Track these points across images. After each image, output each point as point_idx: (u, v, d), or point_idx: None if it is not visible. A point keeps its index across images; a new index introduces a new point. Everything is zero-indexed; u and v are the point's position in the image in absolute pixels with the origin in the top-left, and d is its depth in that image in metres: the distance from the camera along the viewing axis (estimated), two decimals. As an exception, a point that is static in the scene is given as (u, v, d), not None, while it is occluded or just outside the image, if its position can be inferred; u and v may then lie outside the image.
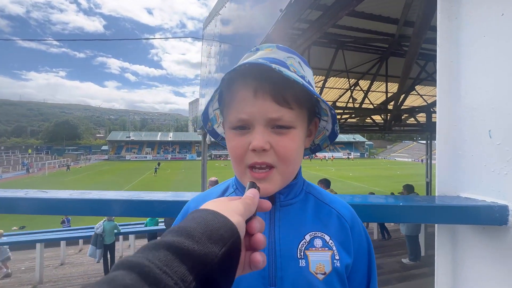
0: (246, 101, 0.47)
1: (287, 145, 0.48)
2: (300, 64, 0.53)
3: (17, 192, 0.74)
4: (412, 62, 4.20)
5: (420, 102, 9.00)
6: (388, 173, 33.12)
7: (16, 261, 7.37)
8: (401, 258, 4.74)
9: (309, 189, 0.59)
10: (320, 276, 0.49)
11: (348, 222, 0.55)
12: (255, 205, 0.38)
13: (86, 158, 56.71)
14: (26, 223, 13.08)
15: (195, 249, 0.26)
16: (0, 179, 31.37)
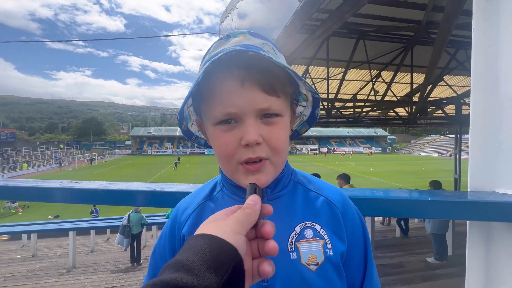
0: (232, 93, 0.44)
1: (278, 136, 0.46)
2: (274, 50, 0.51)
3: (53, 182, 0.79)
4: (441, 50, 3.92)
5: (448, 93, 8.43)
6: (412, 169, 31.64)
7: (52, 247, 8.02)
8: (426, 257, 4.54)
9: (297, 178, 0.57)
10: (313, 267, 0.48)
11: (339, 208, 0.53)
12: (256, 213, 0.36)
13: (111, 153, 59.84)
14: (60, 212, 14.15)
15: (194, 284, 0.24)
16: (37, 171, 34.10)
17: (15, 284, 4.40)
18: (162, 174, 28.34)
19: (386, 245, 5.87)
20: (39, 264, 6.03)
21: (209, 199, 0.57)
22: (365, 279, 0.54)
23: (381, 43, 5.64)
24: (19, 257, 6.98)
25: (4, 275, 5.15)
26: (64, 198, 0.73)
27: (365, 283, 0.53)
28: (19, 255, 7.15)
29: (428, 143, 70.71)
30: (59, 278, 4.74)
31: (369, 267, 0.54)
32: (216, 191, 0.57)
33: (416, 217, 1.41)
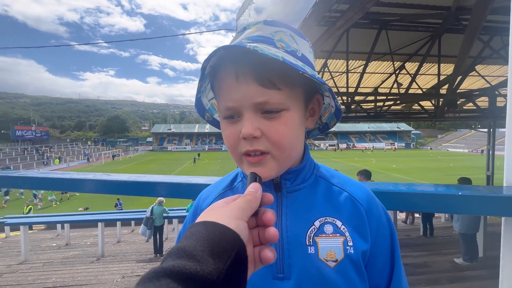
0: (230, 88, 0.45)
1: (279, 131, 0.45)
2: (293, 37, 0.48)
3: (87, 174, 0.86)
4: (473, 38, 3.65)
5: (480, 84, 7.84)
6: (439, 165, 30.00)
7: (83, 237, 8.61)
8: (453, 258, 4.31)
9: (320, 172, 0.55)
10: (331, 263, 0.47)
11: (363, 205, 0.51)
12: (257, 200, 0.36)
13: (134, 149, 62.64)
14: (88, 205, 15.11)
15: (197, 270, 0.24)
16: (68, 167, 36.57)
17: (52, 269, 4.79)
18: (181, 170, 29.22)
19: (410, 244, 5.65)
20: (72, 252, 6.50)
21: (229, 189, 0.58)
22: (392, 280, 0.51)
23: (405, 33, 5.34)
24: (54, 245, 7.58)
25: (43, 260, 5.62)
26: (97, 189, 0.79)
27: (392, 285, 0.51)
28: (54, 243, 7.77)
29: (457, 138, 66.44)
30: (90, 266, 5.09)
31: (396, 269, 0.52)
32: (237, 181, 0.59)
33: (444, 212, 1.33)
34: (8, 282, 3.92)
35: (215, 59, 0.45)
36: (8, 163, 34.95)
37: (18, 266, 5.20)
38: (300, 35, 0.51)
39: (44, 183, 0.81)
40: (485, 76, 7.09)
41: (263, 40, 0.46)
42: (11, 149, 45.25)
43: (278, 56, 0.40)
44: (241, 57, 0.43)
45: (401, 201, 0.70)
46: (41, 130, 64.83)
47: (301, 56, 0.48)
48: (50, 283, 3.76)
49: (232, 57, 0.44)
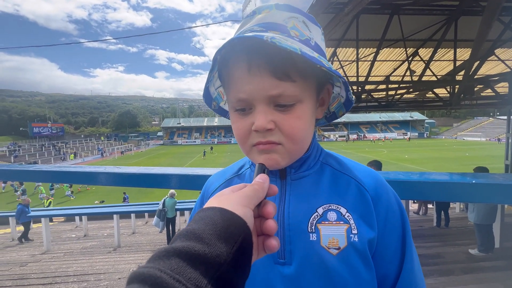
0: (242, 79, 0.44)
1: (293, 124, 0.44)
2: (305, 23, 0.47)
3: (99, 168, 0.88)
4: (492, 19, 3.44)
5: (500, 69, 7.45)
6: (454, 155, 29.09)
7: (100, 228, 8.98)
8: (468, 249, 4.23)
9: (326, 159, 0.54)
10: (334, 251, 0.46)
11: (369, 192, 0.49)
12: (264, 190, 0.36)
13: (145, 144, 63.94)
14: (104, 198, 15.66)
15: (206, 252, 0.25)
16: (83, 161, 37.86)
17: (72, 258, 5.04)
18: (192, 163, 29.66)
19: (422, 235, 5.57)
20: (91, 242, 6.81)
21: (236, 175, 0.59)
22: (402, 271, 0.49)
23: (418, 17, 5.11)
24: (74, 236, 7.95)
25: (63, 250, 5.92)
26: (108, 181, 0.81)
27: (403, 276, 0.49)
28: (74, 234, 8.15)
29: (474, 127, 63.93)
30: (107, 255, 5.32)
31: (408, 258, 0.49)
32: (244, 168, 0.59)
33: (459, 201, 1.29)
34: (33, 270, 4.16)
35: (227, 48, 0.43)
36: (28, 159, 36.55)
37: (41, 255, 5.50)
38: (313, 20, 0.49)
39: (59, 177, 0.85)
40: (505, 60, 6.73)
41: (276, 28, 0.44)
42: (30, 146, 47.20)
43: (296, 49, 0.39)
44: (255, 46, 0.41)
45: (414, 190, 0.69)
46: (57, 127, 67.04)
47: (314, 45, 0.46)
48: (71, 272, 3.96)
49: (246, 46, 0.42)
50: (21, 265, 4.56)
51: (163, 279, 0.22)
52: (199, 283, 0.23)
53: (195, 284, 0.23)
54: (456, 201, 7.18)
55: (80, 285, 3.47)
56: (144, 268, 0.23)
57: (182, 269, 0.23)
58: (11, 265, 4.59)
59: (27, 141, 54.65)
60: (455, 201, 7.63)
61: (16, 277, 3.79)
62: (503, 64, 6.75)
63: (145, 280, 0.22)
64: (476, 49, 4.30)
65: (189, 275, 0.23)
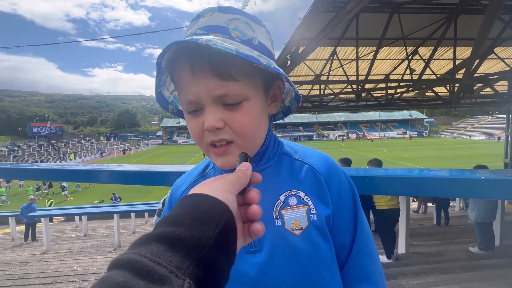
0: (188, 82, 0.45)
1: (241, 121, 0.46)
2: (248, 24, 0.48)
3: (101, 166, 0.88)
4: (493, 18, 3.44)
5: (500, 67, 7.46)
6: (453, 154, 29.16)
7: (100, 228, 8.97)
8: (468, 247, 4.24)
9: (283, 150, 0.58)
10: (297, 231, 0.50)
11: (322, 174, 0.55)
12: (247, 177, 0.37)
13: (145, 143, 63.90)
14: (103, 197, 15.64)
15: (187, 236, 0.25)
16: (83, 161, 37.82)
17: (72, 258, 5.04)
18: (192, 162, 29.66)
19: (422, 233, 5.58)
20: (91, 242, 6.80)
21: (202, 176, 0.61)
22: (355, 238, 0.55)
23: (418, 16, 5.11)
24: (74, 235, 7.94)
25: (64, 250, 5.91)
26: (112, 179, 0.81)
27: (356, 242, 0.55)
28: (74, 234, 8.14)
29: (473, 125, 64.08)
30: (107, 255, 5.32)
31: (359, 226, 0.55)
32: (209, 168, 0.61)
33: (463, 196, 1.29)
34: (33, 270, 4.15)
35: (170, 53, 0.45)
36: (27, 159, 36.48)
37: (41, 255, 5.49)
38: (256, 21, 0.50)
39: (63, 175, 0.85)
40: (504, 59, 6.73)
41: (217, 30, 0.46)
42: (29, 146, 47.08)
43: (231, 50, 0.40)
44: (195, 50, 0.43)
45: (416, 187, 0.69)
46: (56, 127, 66.89)
47: (257, 44, 0.48)
48: (72, 271, 3.96)
49: (187, 50, 0.44)
50: (21, 265, 4.55)
51: (143, 263, 0.22)
52: (180, 264, 0.23)
53: (176, 266, 0.23)
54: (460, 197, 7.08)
55: (81, 284, 3.47)
56: (124, 254, 0.23)
57: (163, 253, 0.23)
58: (11, 265, 4.58)
59: (26, 141, 54.53)
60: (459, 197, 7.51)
61: (17, 276, 3.79)
62: (502, 62, 6.76)
63: (124, 265, 0.22)
64: (477, 48, 4.30)
65: (170, 257, 0.23)
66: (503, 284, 2.83)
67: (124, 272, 0.22)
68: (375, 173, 0.77)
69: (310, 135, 61.83)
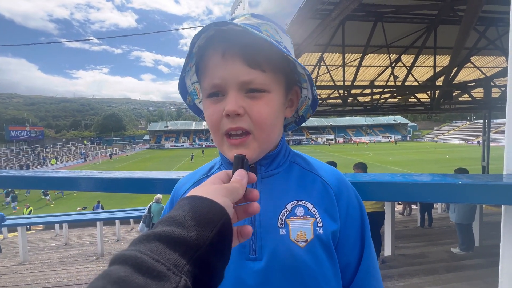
0: (216, 66, 0.47)
1: (261, 110, 0.47)
2: (277, 30, 0.52)
3: (78, 172, 0.83)
4: (469, 28, 3.64)
5: (476, 75, 7.87)
6: (435, 157, 30.32)
7: (82, 236, 8.58)
8: (450, 248, 4.38)
9: (294, 158, 0.58)
10: (302, 243, 0.49)
11: (333, 188, 0.54)
12: (243, 187, 0.38)
13: (131, 148, 62.24)
14: (86, 204, 15.03)
15: (185, 236, 0.26)
16: (64, 166, 36.26)
17: (51, 269, 4.78)
18: (179, 167, 29.14)
19: (407, 235, 5.72)
20: (71, 251, 6.48)
21: (206, 176, 0.61)
22: (362, 259, 0.54)
23: (401, 25, 5.33)
24: (53, 245, 7.55)
25: (42, 261, 5.60)
26: (88, 187, 0.77)
27: (363, 263, 0.54)
28: (53, 243, 7.74)
29: (453, 130, 67.07)
30: (89, 265, 5.09)
31: (367, 246, 0.54)
32: (215, 168, 0.61)
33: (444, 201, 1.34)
34: (7, 283, 3.90)
35: (203, 39, 0.47)
36: (3, 164, 34.57)
37: (17, 267, 5.18)
38: (283, 31, 0.54)
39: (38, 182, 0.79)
40: (480, 67, 7.12)
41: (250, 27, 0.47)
42: (6, 150, 44.69)
43: (266, 38, 0.43)
44: (229, 36, 0.45)
45: (400, 192, 0.70)
46: (36, 130, 64.04)
47: (284, 48, 0.50)
48: (50, 283, 3.75)
49: (221, 36, 0.46)
50: (-6, 277, 4.27)
51: (143, 259, 0.23)
52: (178, 262, 0.24)
53: (173, 264, 0.24)
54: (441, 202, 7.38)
55: (60, 297, 3.29)
56: (125, 251, 0.25)
57: (162, 251, 0.25)
58: (-18, 278, 4.29)
59: (3, 146, 51.80)
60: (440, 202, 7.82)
61: (-12, 291, 3.54)
62: (478, 70, 7.15)
63: (126, 260, 0.23)
64: (455, 56, 4.52)
65: (168, 256, 0.24)
66: (483, 284, 2.93)
67: (125, 267, 0.23)
68: (360, 179, 0.77)
69: (299, 139, 62.49)
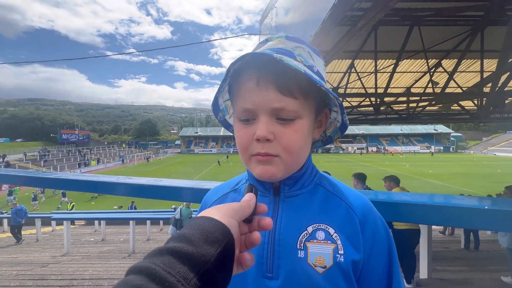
0: (250, 91, 0.48)
1: (291, 137, 0.48)
2: (310, 53, 0.53)
3: (111, 177, 0.91)
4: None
5: (534, 80, 6.96)
6: (484, 171, 27.15)
7: (117, 233, 9.21)
8: (500, 276, 3.85)
9: (320, 180, 0.57)
10: (320, 269, 0.48)
11: (358, 215, 0.52)
12: (250, 207, 0.39)
13: (164, 152, 65.85)
14: (122, 203, 16.15)
15: (193, 252, 0.29)
16: (105, 167, 39.59)
17: (89, 262, 5.19)
18: (208, 171, 30.03)
19: (448, 257, 5.17)
20: (107, 247, 6.99)
21: (233, 190, 0.63)
22: None
23: (441, 28, 4.97)
24: (92, 240, 8.22)
25: (82, 254, 6.12)
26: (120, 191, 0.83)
27: None
28: (92, 238, 8.43)
29: (506, 141, 59.62)
30: (122, 261, 5.43)
31: (395, 283, 0.51)
32: (241, 183, 0.63)
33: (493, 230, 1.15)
34: (53, 271, 4.32)
35: (240, 63, 0.49)
36: (55, 164, 38.84)
37: (61, 257, 5.72)
38: (316, 52, 0.55)
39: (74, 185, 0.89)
40: (539, 72, 6.28)
41: (285, 53, 0.49)
42: (58, 151, 50.27)
43: (300, 68, 0.44)
44: (264, 64, 0.47)
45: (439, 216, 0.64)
46: (83, 134, 71.01)
47: (316, 72, 0.51)
48: (87, 275, 4.07)
49: (257, 63, 0.48)
50: (42, 265, 4.76)
51: (157, 271, 0.26)
52: (186, 276, 0.27)
53: (183, 277, 0.27)
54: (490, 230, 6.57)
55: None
56: (141, 263, 0.28)
57: (173, 264, 0.27)
58: (33, 265, 4.80)
59: (56, 147, 58.31)
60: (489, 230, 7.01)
61: (37, 277, 3.95)
62: (536, 75, 6.31)
63: (141, 271, 0.26)
64: (503, 60, 4.07)
65: (179, 269, 0.27)
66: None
67: (141, 277, 0.26)
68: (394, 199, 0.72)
69: (328, 148, 60.56)
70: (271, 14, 4.61)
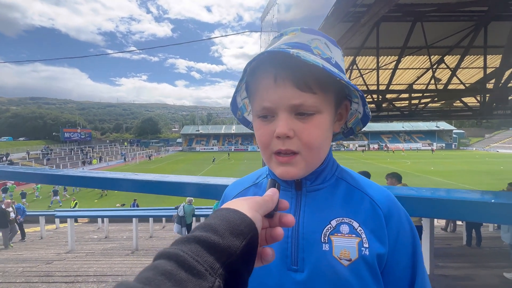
0: (268, 89, 0.48)
1: (311, 132, 0.48)
2: (327, 45, 0.51)
3: (118, 174, 0.92)
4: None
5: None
6: (487, 168, 27.03)
7: (120, 231, 9.29)
8: (503, 272, 3.85)
9: (341, 174, 0.57)
10: (345, 262, 0.48)
11: (382, 209, 0.51)
12: (273, 202, 0.39)
13: (165, 150, 66.03)
14: (124, 201, 16.26)
15: (220, 243, 0.29)
16: (108, 166, 39.78)
17: (93, 259, 5.25)
18: (209, 169, 30.12)
19: (450, 254, 5.17)
20: (111, 244, 7.05)
21: (254, 184, 0.63)
22: None
23: (443, 24, 4.91)
24: (95, 237, 8.29)
25: (86, 251, 6.18)
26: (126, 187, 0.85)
27: None
28: (95, 236, 8.50)
29: (509, 138, 59.22)
30: (125, 258, 5.48)
31: (419, 276, 0.50)
32: (261, 177, 0.63)
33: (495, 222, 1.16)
34: (58, 268, 4.38)
35: (254, 62, 0.48)
36: (58, 162, 39.08)
37: (65, 254, 5.78)
38: (334, 43, 0.53)
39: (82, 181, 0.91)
40: (543, 67, 6.22)
41: (301, 47, 0.48)
42: (61, 150, 50.53)
43: (318, 63, 0.43)
44: (281, 61, 0.46)
45: (441, 209, 0.65)
46: (85, 132, 71.25)
47: (334, 64, 0.50)
48: (92, 272, 4.11)
49: (273, 60, 0.47)
50: (47, 262, 4.82)
51: (185, 258, 0.27)
52: (213, 265, 0.27)
53: (210, 266, 0.27)
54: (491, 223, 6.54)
55: (99, 285, 3.59)
56: (169, 249, 0.28)
57: (201, 253, 0.28)
58: (38, 262, 4.86)
59: (58, 145, 58.61)
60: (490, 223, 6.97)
61: (42, 274, 4.00)
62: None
63: (170, 257, 0.27)
64: (507, 56, 4.04)
65: (206, 258, 0.28)
66: (544, 318, 2.52)
67: (170, 262, 0.26)
68: (396, 192, 0.73)
69: (329, 145, 60.36)
70: (273, 10, 4.58)
